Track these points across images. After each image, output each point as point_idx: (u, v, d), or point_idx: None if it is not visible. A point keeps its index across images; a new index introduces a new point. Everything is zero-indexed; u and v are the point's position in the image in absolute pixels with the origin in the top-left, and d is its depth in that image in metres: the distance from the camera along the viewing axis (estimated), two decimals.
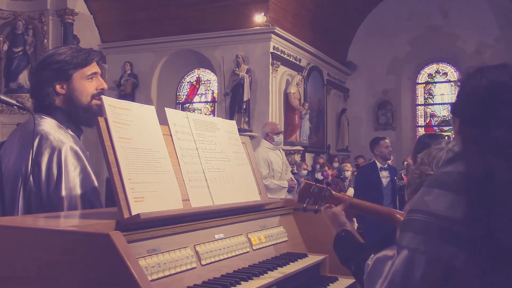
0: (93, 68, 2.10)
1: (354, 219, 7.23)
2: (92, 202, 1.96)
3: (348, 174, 9.71)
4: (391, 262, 1.27)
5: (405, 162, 9.14)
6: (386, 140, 6.25)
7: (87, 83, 2.08)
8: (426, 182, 1.32)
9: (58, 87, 2.04)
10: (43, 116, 2.02)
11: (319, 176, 9.98)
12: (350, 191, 8.05)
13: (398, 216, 1.92)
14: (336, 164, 11.06)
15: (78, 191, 1.91)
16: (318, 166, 10.28)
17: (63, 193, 1.88)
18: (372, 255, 1.50)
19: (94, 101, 2.08)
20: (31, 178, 1.88)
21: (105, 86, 2.14)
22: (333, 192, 1.87)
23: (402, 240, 1.26)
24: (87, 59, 2.07)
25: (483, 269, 1.17)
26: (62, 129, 2.01)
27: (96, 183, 2.00)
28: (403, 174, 7.95)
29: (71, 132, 2.05)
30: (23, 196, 1.89)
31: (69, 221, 1.66)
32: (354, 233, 1.81)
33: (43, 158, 1.89)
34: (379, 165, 6.22)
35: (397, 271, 1.22)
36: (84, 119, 2.09)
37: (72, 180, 1.91)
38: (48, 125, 1.98)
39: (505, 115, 1.25)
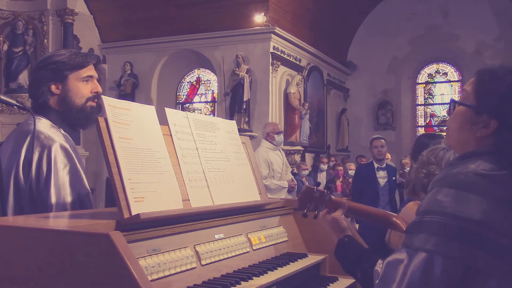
0: (89, 71, 2.13)
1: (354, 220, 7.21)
2: (81, 200, 1.98)
3: (352, 173, 9.66)
4: (403, 266, 1.25)
5: (402, 161, 9.08)
6: (376, 140, 6.26)
7: (82, 85, 2.10)
8: (436, 182, 1.30)
9: (53, 87, 2.07)
10: (39, 117, 2.04)
11: (321, 176, 9.97)
12: None
13: (394, 219, 1.92)
14: (331, 163, 11.03)
15: (67, 189, 1.93)
16: (321, 166, 10.27)
17: (52, 190, 1.90)
18: (380, 261, 1.48)
19: (89, 103, 2.10)
20: (21, 176, 1.91)
21: (99, 90, 2.16)
22: (332, 196, 1.86)
23: (413, 241, 1.24)
24: (83, 61, 2.10)
25: (503, 270, 1.17)
26: (55, 128, 2.04)
27: (85, 181, 2.02)
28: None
29: (63, 131, 2.07)
30: (14, 194, 1.91)
31: (69, 221, 1.66)
32: (357, 238, 1.79)
33: (34, 156, 1.92)
34: (376, 165, 6.21)
35: (414, 273, 1.21)
36: (76, 119, 2.11)
37: (62, 178, 1.92)
38: (42, 125, 2.01)
39: None
